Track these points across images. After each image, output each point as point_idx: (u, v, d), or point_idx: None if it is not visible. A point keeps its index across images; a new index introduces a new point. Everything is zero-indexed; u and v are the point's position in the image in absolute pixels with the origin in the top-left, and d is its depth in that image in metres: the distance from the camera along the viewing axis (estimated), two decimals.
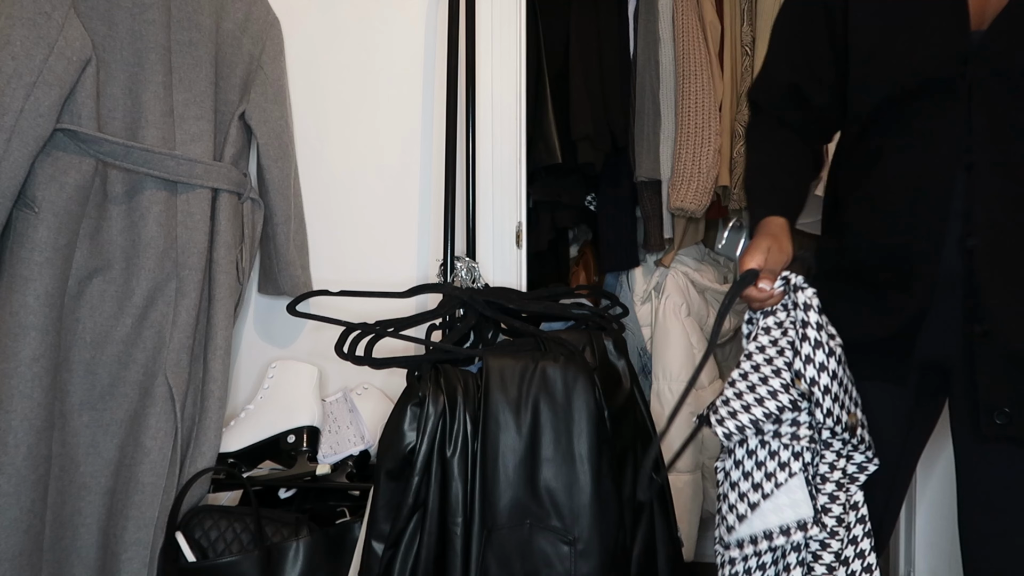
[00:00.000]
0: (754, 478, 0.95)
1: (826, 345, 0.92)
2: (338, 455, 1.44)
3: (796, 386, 0.93)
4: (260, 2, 1.55)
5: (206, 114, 1.39)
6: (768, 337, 0.97)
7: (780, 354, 0.95)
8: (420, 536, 1.03)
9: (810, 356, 0.92)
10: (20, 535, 1.16)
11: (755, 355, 0.97)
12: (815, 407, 0.92)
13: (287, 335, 1.66)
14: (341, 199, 1.66)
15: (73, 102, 1.22)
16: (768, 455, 0.96)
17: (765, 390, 0.94)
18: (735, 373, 0.97)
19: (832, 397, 0.92)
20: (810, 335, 0.92)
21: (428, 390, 1.06)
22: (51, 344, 1.20)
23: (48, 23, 1.17)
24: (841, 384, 0.94)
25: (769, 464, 0.95)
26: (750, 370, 0.96)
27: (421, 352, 1.24)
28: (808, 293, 0.95)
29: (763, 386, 0.94)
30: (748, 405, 0.93)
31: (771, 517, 0.94)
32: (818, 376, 0.91)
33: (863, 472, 0.97)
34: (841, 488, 0.96)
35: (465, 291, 1.27)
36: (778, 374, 0.94)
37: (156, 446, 1.29)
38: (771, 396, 0.93)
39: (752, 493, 0.95)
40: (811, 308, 0.94)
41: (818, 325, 0.93)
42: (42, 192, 1.20)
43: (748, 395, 0.94)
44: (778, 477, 0.94)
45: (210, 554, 1.27)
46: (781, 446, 0.95)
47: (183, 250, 1.35)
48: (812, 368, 0.91)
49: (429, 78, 1.65)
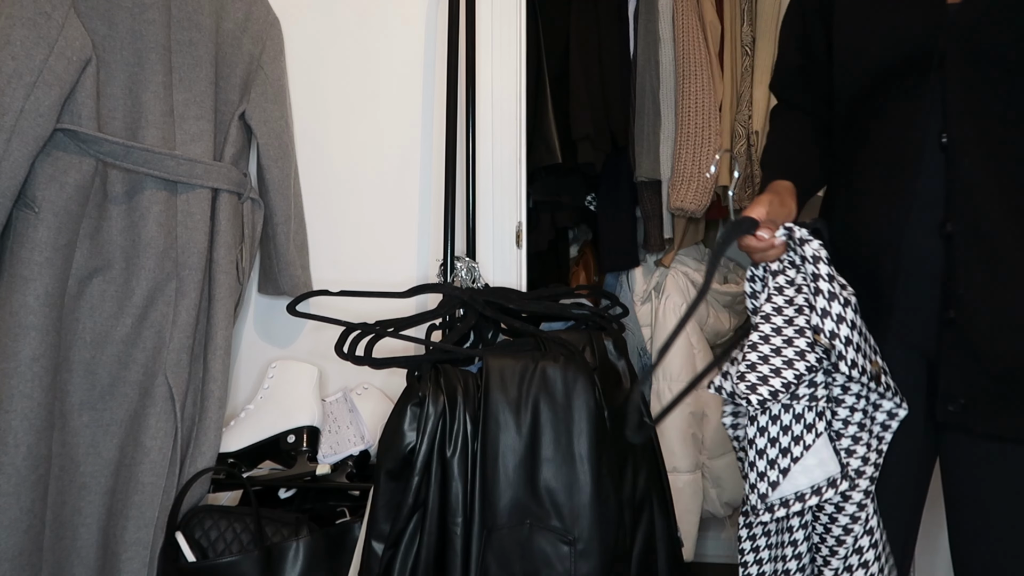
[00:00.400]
0: (781, 443, 0.94)
1: (840, 295, 0.90)
2: (338, 455, 1.44)
3: (819, 343, 0.90)
4: (260, 2, 1.55)
5: (206, 114, 1.39)
6: (783, 297, 0.95)
7: (799, 312, 0.93)
8: (420, 536, 1.03)
9: (826, 309, 0.89)
10: (20, 535, 1.16)
11: (773, 317, 0.94)
12: (839, 360, 0.90)
13: (287, 335, 1.66)
14: (341, 199, 1.66)
15: (73, 102, 1.22)
16: (793, 418, 0.94)
17: (792, 351, 0.91)
18: (755, 336, 0.94)
19: (855, 347, 0.90)
20: (823, 287, 0.90)
21: (428, 390, 1.06)
22: (51, 344, 1.20)
23: (48, 23, 1.17)
24: (861, 333, 0.92)
25: (795, 427, 0.94)
26: (771, 332, 0.93)
27: (421, 352, 1.24)
28: (815, 245, 0.92)
29: (789, 348, 0.91)
30: (778, 369, 0.90)
31: (801, 479, 0.94)
32: (837, 328, 0.89)
33: (894, 419, 0.96)
34: (858, 442, 0.96)
35: (465, 291, 1.27)
36: (802, 333, 0.92)
37: (156, 446, 1.29)
38: (800, 357, 0.91)
39: (782, 459, 0.93)
40: (820, 260, 0.91)
41: (829, 276, 0.90)
42: (42, 192, 1.20)
43: (775, 358, 0.91)
44: (806, 439, 0.93)
45: (210, 554, 1.27)
46: (805, 408, 0.93)
47: (183, 250, 1.35)
48: (830, 321, 0.89)
49: (429, 78, 1.65)
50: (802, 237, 0.93)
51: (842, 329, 0.89)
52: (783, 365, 0.90)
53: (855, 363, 0.89)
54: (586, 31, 2.08)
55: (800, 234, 0.94)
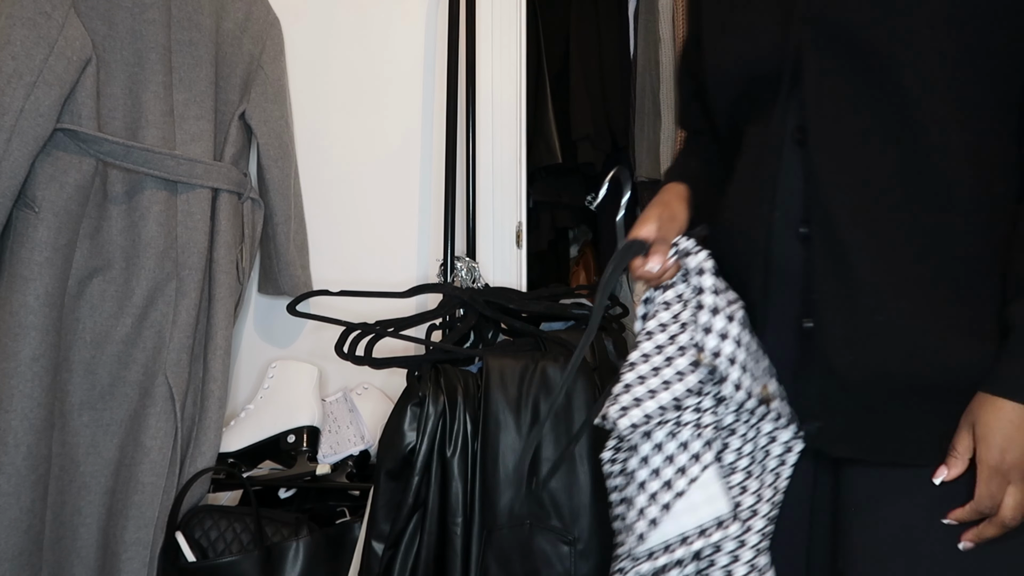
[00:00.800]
0: (664, 475, 0.82)
1: (725, 309, 0.81)
2: (338, 455, 1.44)
3: (701, 362, 0.81)
4: (260, 2, 1.55)
5: (206, 114, 1.39)
6: (669, 312, 0.85)
7: (684, 328, 0.84)
8: (420, 536, 1.03)
9: (709, 325, 0.80)
10: (20, 535, 1.16)
11: (656, 334, 0.85)
12: (721, 382, 0.81)
13: (287, 335, 1.66)
14: (341, 199, 1.66)
15: (73, 102, 1.22)
16: (678, 447, 0.83)
17: (672, 371, 0.82)
18: (635, 355, 0.84)
19: (740, 367, 0.80)
20: (706, 301, 0.81)
21: (428, 390, 1.06)
22: (51, 344, 1.20)
23: (48, 23, 1.17)
24: (749, 351, 0.82)
25: (680, 457, 0.82)
26: (652, 351, 0.84)
27: (421, 352, 1.24)
28: (700, 256, 0.84)
29: (669, 367, 0.82)
30: (654, 390, 0.81)
31: (685, 518, 0.81)
32: (720, 345, 0.79)
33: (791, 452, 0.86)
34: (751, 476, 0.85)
35: (465, 291, 1.27)
36: (683, 352, 0.82)
37: (156, 446, 1.29)
38: (679, 378, 0.81)
39: (664, 493, 0.82)
40: (704, 272, 0.83)
41: (715, 289, 0.82)
42: (42, 192, 1.20)
43: (653, 379, 0.82)
44: (692, 471, 0.82)
45: (210, 554, 1.27)
46: (692, 435, 0.83)
47: (183, 250, 1.35)
48: (713, 337, 0.80)
49: (429, 78, 1.65)
50: (686, 249, 0.85)
51: (725, 347, 0.80)
52: (660, 386, 0.82)
53: (739, 384, 0.80)
54: (586, 31, 2.08)
55: (685, 245, 0.86)
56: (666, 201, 0.92)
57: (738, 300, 0.84)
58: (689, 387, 0.82)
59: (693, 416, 0.83)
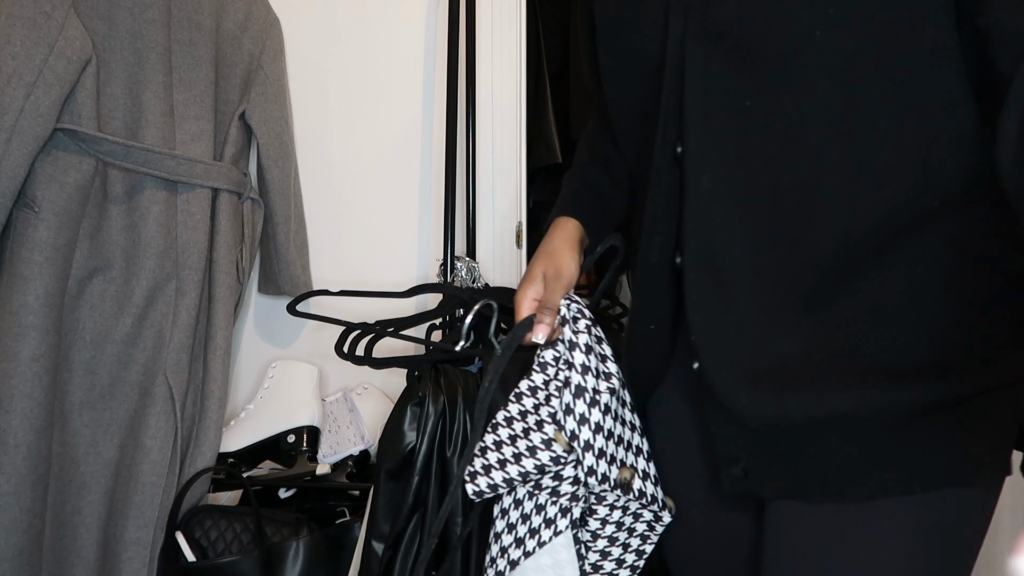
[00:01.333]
0: (518, 531, 0.82)
1: (590, 392, 0.76)
2: (338, 455, 1.44)
3: (557, 440, 0.77)
4: (260, 2, 1.55)
5: (206, 114, 1.39)
6: (543, 375, 0.82)
7: (547, 401, 0.80)
8: (420, 536, 1.03)
9: (570, 406, 0.76)
10: (20, 535, 1.16)
11: (525, 397, 0.81)
12: (576, 464, 0.77)
13: (287, 335, 1.66)
14: (341, 199, 1.66)
15: (73, 102, 1.22)
16: (535, 508, 0.82)
17: (525, 444, 0.78)
18: (501, 415, 0.81)
19: (595, 452, 0.76)
20: (573, 380, 0.76)
21: (428, 390, 1.06)
22: (51, 344, 1.20)
23: (48, 23, 1.17)
24: (610, 435, 0.77)
25: (535, 519, 0.81)
26: (517, 416, 0.80)
27: (421, 352, 1.24)
28: (579, 325, 0.79)
29: (524, 439, 0.78)
30: (504, 460, 0.78)
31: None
32: (578, 429, 0.75)
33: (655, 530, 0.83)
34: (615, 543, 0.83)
35: (465, 291, 1.27)
36: (541, 427, 0.78)
37: (156, 446, 1.29)
38: (530, 453, 0.77)
39: (514, 549, 0.81)
40: (577, 347, 0.77)
41: (584, 367, 0.77)
42: (42, 192, 1.20)
43: (507, 448, 0.79)
44: (542, 535, 0.80)
45: (210, 554, 1.27)
46: (548, 500, 0.81)
47: (183, 250, 1.35)
48: (572, 420, 0.76)
49: (429, 78, 1.65)
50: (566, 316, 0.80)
51: (583, 432, 0.75)
52: (511, 458, 0.78)
53: (592, 470, 0.76)
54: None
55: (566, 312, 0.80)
56: (552, 251, 0.84)
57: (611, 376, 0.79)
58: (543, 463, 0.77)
59: (551, 482, 0.80)
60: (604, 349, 0.80)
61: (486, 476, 0.79)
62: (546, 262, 0.83)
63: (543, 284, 0.81)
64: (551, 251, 0.84)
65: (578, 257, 0.84)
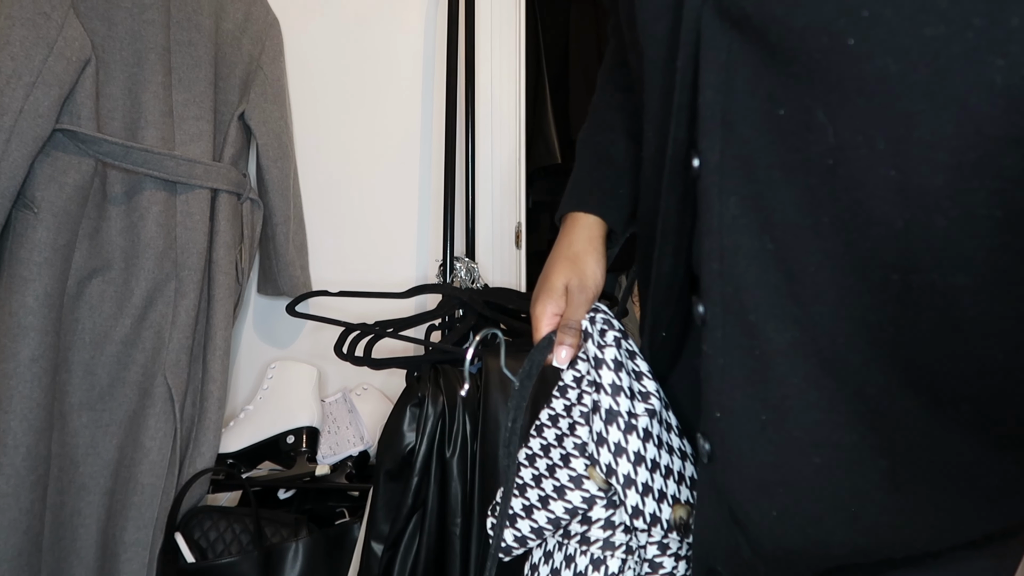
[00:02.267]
0: None
1: (625, 416, 0.62)
2: (337, 456, 1.44)
3: (591, 477, 0.63)
4: (259, 2, 1.55)
5: (205, 114, 1.39)
6: (563, 401, 0.68)
7: (571, 431, 0.66)
8: (420, 537, 1.03)
9: (602, 435, 0.62)
10: (19, 536, 1.15)
11: (546, 429, 0.68)
12: (607, 504, 0.64)
13: (286, 335, 1.66)
14: (340, 199, 1.65)
15: (72, 102, 1.22)
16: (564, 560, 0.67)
17: (552, 485, 0.65)
18: (522, 454, 0.69)
19: (639, 489, 0.61)
20: (603, 403, 0.62)
21: (427, 390, 1.06)
22: (50, 345, 1.20)
23: (47, 23, 1.17)
24: (655, 467, 0.63)
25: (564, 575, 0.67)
26: (539, 452, 0.67)
27: (420, 352, 1.24)
28: (607, 339, 0.65)
29: (550, 479, 0.65)
30: (531, 507, 0.65)
31: None
32: (615, 462, 0.61)
33: None
34: None
35: (464, 291, 1.27)
36: (568, 462, 0.65)
37: (155, 447, 1.29)
38: (558, 495, 0.64)
39: None
40: (604, 364, 0.63)
41: (614, 387, 0.62)
42: (41, 192, 1.20)
43: (532, 491, 0.66)
44: None
45: (209, 555, 1.27)
46: (577, 551, 0.66)
47: (182, 250, 1.35)
48: (606, 451, 0.61)
49: (428, 78, 1.65)
50: (588, 331, 0.68)
51: (621, 464, 0.61)
52: (538, 502, 0.65)
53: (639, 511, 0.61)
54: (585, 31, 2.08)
55: (589, 327, 0.68)
56: (574, 256, 0.71)
57: (649, 396, 0.65)
58: (574, 506, 0.65)
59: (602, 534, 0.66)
60: (639, 365, 0.67)
61: (511, 528, 0.66)
62: (568, 271, 0.70)
63: (564, 298, 0.70)
64: (573, 256, 0.72)
65: (604, 262, 0.73)
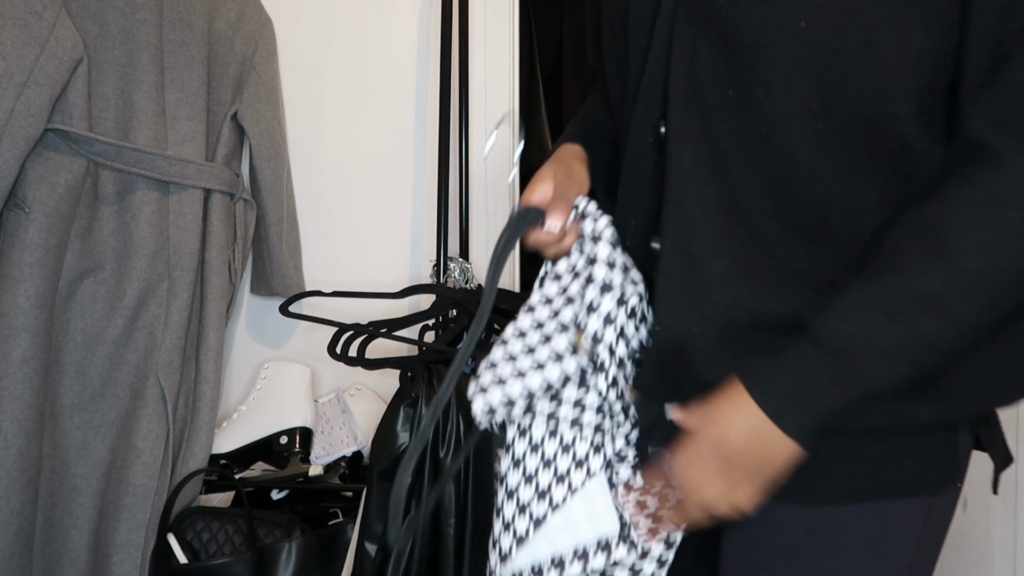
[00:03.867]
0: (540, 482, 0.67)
1: (619, 289, 0.66)
2: (331, 456, 1.43)
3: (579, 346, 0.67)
4: (253, 2, 1.54)
5: (198, 114, 1.39)
6: (557, 285, 0.72)
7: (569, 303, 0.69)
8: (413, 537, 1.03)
9: (595, 303, 0.65)
10: (10, 537, 1.15)
11: (538, 308, 0.71)
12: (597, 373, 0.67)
13: (280, 336, 1.66)
14: (334, 199, 1.65)
15: (64, 102, 1.22)
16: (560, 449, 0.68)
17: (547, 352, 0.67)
18: (509, 331, 0.70)
19: (617, 362, 0.66)
20: (597, 275, 0.66)
21: (421, 391, 1.06)
22: (42, 345, 1.20)
23: (39, 23, 1.17)
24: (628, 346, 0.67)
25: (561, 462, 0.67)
26: (530, 327, 0.70)
27: (414, 353, 1.24)
28: (601, 223, 0.69)
29: (544, 346, 0.68)
30: (522, 372, 0.66)
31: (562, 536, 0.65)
32: (603, 330, 0.65)
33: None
34: None
35: (458, 292, 1.27)
36: (565, 330, 0.68)
37: (148, 447, 1.28)
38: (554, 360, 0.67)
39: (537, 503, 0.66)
40: (600, 239, 0.68)
41: (609, 263, 0.67)
42: (33, 192, 1.20)
43: (524, 358, 0.67)
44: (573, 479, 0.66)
45: (202, 556, 1.27)
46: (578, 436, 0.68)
47: (175, 251, 1.34)
48: (596, 319, 0.65)
49: (422, 78, 1.65)
50: (585, 211, 0.70)
51: (607, 333, 0.65)
52: (531, 367, 0.67)
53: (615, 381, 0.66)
54: (579, 32, 2.09)
55: (584, 207, 0.71)
56: (562, 158, 0.77)
57: (637, 284, 0.69)
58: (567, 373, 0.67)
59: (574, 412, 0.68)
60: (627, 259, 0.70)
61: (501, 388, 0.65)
62: (556, 166, 0.74)
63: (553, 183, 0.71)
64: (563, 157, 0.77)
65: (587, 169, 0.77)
